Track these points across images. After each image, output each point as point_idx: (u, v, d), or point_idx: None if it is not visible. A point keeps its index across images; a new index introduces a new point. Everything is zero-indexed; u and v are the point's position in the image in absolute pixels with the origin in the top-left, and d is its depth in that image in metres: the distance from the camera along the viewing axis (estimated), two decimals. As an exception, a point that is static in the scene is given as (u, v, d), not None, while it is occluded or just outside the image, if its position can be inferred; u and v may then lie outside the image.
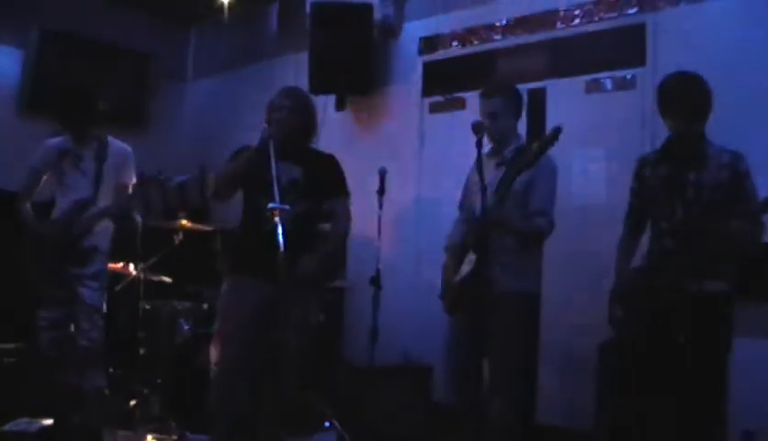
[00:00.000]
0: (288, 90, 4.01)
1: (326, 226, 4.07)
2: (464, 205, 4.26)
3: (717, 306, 3.38)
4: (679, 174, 3.49)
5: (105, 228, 4.51)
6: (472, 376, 3.91)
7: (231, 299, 3.87)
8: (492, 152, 4.09)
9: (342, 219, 4.02)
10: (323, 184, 3.94)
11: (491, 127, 3.96)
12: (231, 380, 3.75)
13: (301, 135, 3.97)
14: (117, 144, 4.58)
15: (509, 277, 3.79)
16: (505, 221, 3.77)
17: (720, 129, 3.63)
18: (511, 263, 3.79)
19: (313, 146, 4.10)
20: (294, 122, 3.88)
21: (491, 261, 3.70)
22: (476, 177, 3.93)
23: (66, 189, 4.47)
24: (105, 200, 4.44)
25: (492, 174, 3.89)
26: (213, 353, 3.91)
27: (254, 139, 3.83)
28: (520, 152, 3.84)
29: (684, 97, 3.46)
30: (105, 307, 4.43)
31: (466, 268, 3.86)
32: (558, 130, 3.55)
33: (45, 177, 4.55)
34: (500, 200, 3.68)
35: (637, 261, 3.78)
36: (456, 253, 4.04)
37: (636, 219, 3.79)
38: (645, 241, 3.79)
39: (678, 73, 3.55)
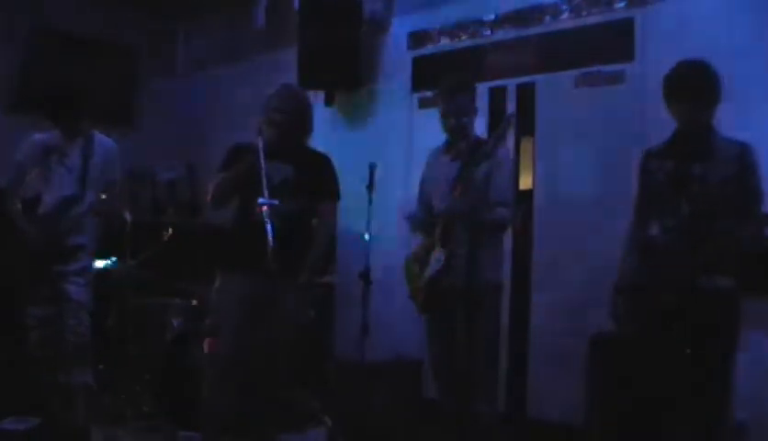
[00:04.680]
0: (286, 91, 4.01)
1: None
2: (421, 200, 4.36)
3: (723, 302, 3.33)
4: (684, 168, 3.42)
5: (90, 224, 4.47)
6: (454, 372, 4.00)
7: (223, 297, 3.88)
8: (447, 146, 4.23)
9: (327, 222, 4.04)
10: (314, 184, 3.93)
11: (456, 123, 4.10)
12: (224, 378, 3.75)
13: (297, 136, 3.97)
14: (103, 140, 4.55)
15: (482, 269, 3.84)
16: (471, 212, 3.84)
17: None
18: (481, 255, 3.84)
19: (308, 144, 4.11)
20: (291, 125, 3.88)
21: (460, 254, 3.80)
22: (433, 172, 4.22)
23: (52, 186, 4.43)
24: (91, 197, 4.41)
25: (447, 168, 4.08)
26: (207, 348, 3.92)
27: (244, 136, 3.83)
28: (475, 145, 3.94)
29: (691, 81, 3.40)
30: (91, 303, 4.41)
31: (435, 265, 3.94)
32: (510, 117, 3.71)
33: (31, 173, 4.51)
34: (462, 193, 3.80)
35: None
36: (419, 250, 4.16)
37: (642, 212, 3.69)
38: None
39: (686, 59, 3.50)
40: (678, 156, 3.48)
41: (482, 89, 5.33)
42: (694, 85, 3.40)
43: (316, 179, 3.96)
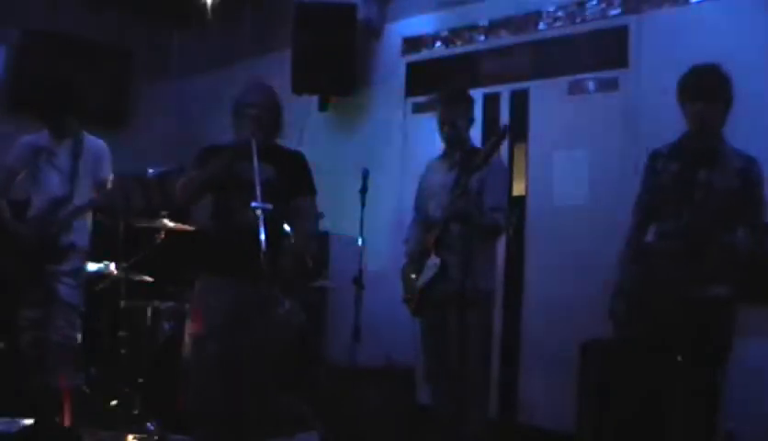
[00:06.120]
0: (257, 87, 3.96)
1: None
2: (419, 208, 4.38)
3: (717, 310, 3.33)
4: (689, 172, 3.41)
5: (83, 225, 4.45)
6: (446, 377, 4.01)
7: (206, 300, 3.80)
8: (444, 156, 4.29)
9: (308, 217, 3.96)
10: (293, 182, 3.87)
11: (452, 133, 4.15)
12: (208, 381, 3.70)
13: (274, 133, 3.91)
14: (92, 140, 4.52)
15: (475, 276, 3.83)
16: (467, 216, 3.84)
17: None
18: (475, 262, 3.84)
19: (281, 143, 4.05)
20: (269, 121, 3.83)
21: (454, 262, 3.81)
22: (430, 181, 4.25)
23: (41, 187, 4.40)
24: (81, 197, 4.37)
25: (444, 176, 4.15)
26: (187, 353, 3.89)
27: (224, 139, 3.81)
28: (471, 155, 3.96)
29: (705, 82, 3.42)
30: (82, 305, 4.39)
31: (430, 271, 3.97)
32: (505, 129, 3.76)
33: (20, 175, 4.48)
34: (457, 199, 3.84)
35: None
36: (415, 256, 4.19)
37: (644, 213, 3.67)
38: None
39: (700, 63, 3.53)
40: (685, 160, 3.47)
41: (476, 95, 5.36)
42: (708, 86, 3.42)
43: (295, 177, 3.89)
